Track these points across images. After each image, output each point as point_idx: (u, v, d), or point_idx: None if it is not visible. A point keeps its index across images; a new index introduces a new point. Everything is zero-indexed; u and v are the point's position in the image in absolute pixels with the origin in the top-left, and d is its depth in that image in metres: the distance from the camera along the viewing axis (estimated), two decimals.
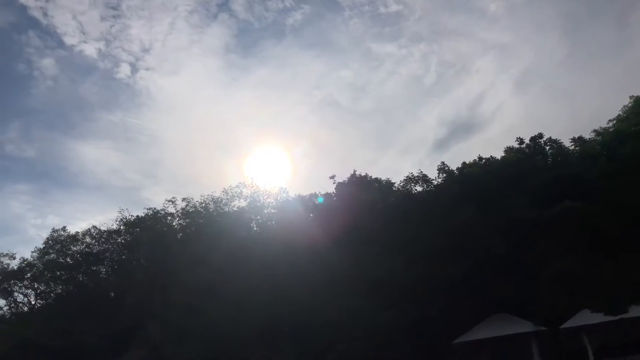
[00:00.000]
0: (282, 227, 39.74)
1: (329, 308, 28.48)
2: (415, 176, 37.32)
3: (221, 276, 34.61)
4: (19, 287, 50.24)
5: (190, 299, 34.69)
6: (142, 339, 37.16)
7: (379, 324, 28.02)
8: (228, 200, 47.48)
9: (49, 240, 50.86)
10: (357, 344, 27.77)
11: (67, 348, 39.90)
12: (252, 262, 34.50)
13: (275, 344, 28.71)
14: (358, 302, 28.44)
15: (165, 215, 47.94)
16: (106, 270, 51.48)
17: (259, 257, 34.97)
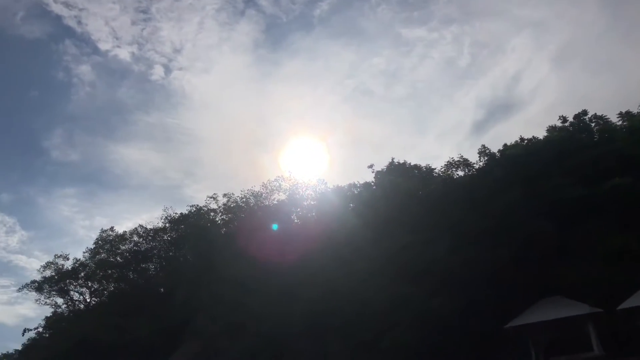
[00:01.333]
0: (322, 219, 39.91)
1: (376, 298, 28.52)
2: (456, 161, 36.84)
3: (265, 270, 35.09)
4: (74, 286, 52.52)
5: (236, 293, 35.32)
6: (193, 333, 38.15)
7: (427, 311, 27.93)
8: (267, 194, 48.09)
9: (98, 241, 52.83)
10: (407, 331, 27.79)
11: (123, 343, 41.36)
12: (295, 254, 34.83)
13: (324, 336, 28.98)
14: (405, 290, 28.38)
15: (207, 212, 48.92)
16: (155, 267, 53.10)
17: (301, 249, 35.29)
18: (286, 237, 38.00)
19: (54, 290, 52.30)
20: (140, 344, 42.10)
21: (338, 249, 33.00)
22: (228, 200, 47.71)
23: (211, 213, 48.51)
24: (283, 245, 36.63)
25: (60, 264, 52.60)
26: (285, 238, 37.86)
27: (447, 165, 37.29)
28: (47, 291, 52.23)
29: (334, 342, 28.29)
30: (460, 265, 29.01)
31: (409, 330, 27.98)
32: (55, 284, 51.87)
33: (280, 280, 32.48)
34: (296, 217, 44.57)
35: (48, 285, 51.98)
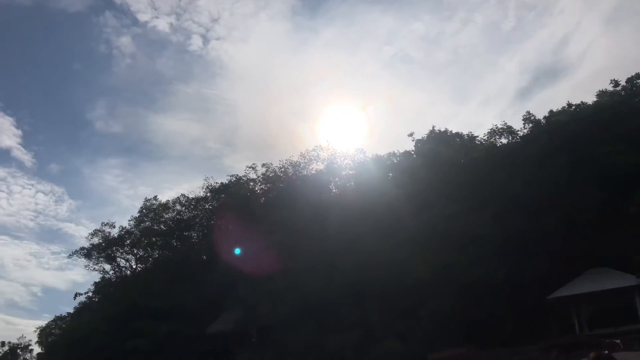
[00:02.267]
0: (361, 188, 39.74)
1: (417, 267, 28.42)
2: (499, 128, 35.83)
3: (304, 239, 35.36)
4: (120, 253, 54.51)
5: (276, 261, 35.80)
6: (234, 300, 39.03)
7: (469, 280, 27.69)
8: (306, 163, 48.11)
9: (143, 209, 54.36)
10: (447, 301, 27.68)
11: (168, 309, 42.71)
12: (334, 224, 34.92)
13: (365, 305, 29.18)
14: (446, 259, 28.15)
15: (247, 181, 49.45)
16: (197, 236, 54.42)
17: (340, 218, 35.32)
18: (325, 207, 38.06)
19: (101, 257, 54.38)
20: (184, 309, 43.45)
21: (377, 218, 32.86)
22: (267, 170, 48.03)
23: (250, 183, 49.02)
24: (322, 215, 36.73)
25: (107, 232, 54.56)
26: (324, 208, 37.92)
27: (490, 133, 36.37)
28: (95, 257, 54.37)
29: (374, 310, 28.45)
30: (503, 235, 28.51)
31: (450, 300, 27.86)
32: (103, 250, 53.88)
33: (319, 249, 32.69)
34: (334, 187, 44.54)
35: (96, 252, 54.06)
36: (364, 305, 29.16)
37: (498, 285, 27.99)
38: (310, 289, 31.35)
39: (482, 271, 27.54)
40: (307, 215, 37.08)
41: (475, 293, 28.44)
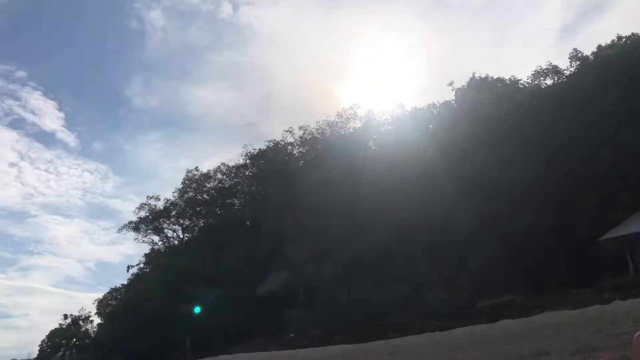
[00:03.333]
0: (400, 143, 38.98)
1: (463, 217, 27.87)
2: (544, 69, 34.17)
3: (346, 197, 35.15)
4: (167, 224, 55.87)
5: (319, 221, 35.81)
6: (281, 261, 39.52)
7: (517, 227, 27.03)
8: (343, 123, 47.53)
9: (185, 180, 55.30)
10: (495, 249, 27.17)
11: (217, 274, 43.72)
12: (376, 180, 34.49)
13: (412, 257, 28.95)
14: (493, 208, 27.48)
15: (285, 146, 49.33)
16: (239, 202, 55.17)
17: (381, 174, 34.85)
18: (364, 165, 37.61)
19: (149, 229, 55.89)
20: (233, 274, 44.42)
21: (419, 172, 32.26)
22: (304, 132, 47.71)
23: (288, 147, 48.89)
24: (362, 172, 36.35)
25: (152, 205, 55.86)
26: (364, 165, 37.48)
27: (534, 74, 34.77)
28: (143, 230, 55.93)
29: (421, 263, 28.20)
30: (552, 179, 27.56)
31: (498, 248, 27.34)
32: (150, 223, 55.32)
33: (363, 205, 32.44)
34: (373, 144, 43.89)
35: (144, 225, 55.55)
36: (411, 258, 28.94)
37: (548, 230, 27.25)
38: (355, 246, 31.29)
39: (530, 217, 26.81)
40: (347, 173, 36.76)
41: (524, 239, 27.82)
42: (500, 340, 11.82)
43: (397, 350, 12.36)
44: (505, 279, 27.28)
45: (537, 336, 11.50)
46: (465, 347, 11.83)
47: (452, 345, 12.35)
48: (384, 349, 12.96)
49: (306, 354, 15.24)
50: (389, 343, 14.68)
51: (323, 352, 15.07)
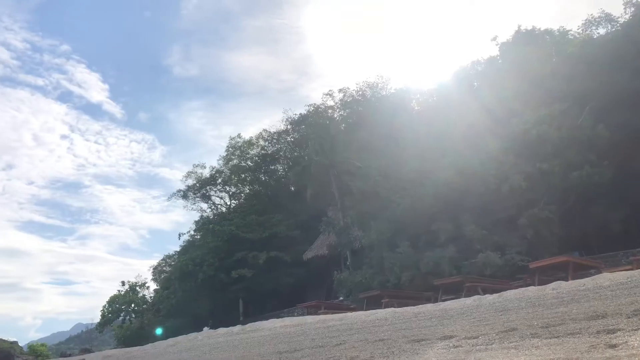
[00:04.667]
0: (444, 102, 37.97)
1: (512, 176, 27.14)
2: (596, 17, 32.15)
3: (389, 159, 34.80)
4: (214, 192, 57.36)
5: (364, 184, 35.72)
6: (326, 225, 39.95)
7: (570, 185, 26.15)
8: (384, 83, 46.70)
9: (229, 148, 56.26)
10: (546, 207, 26.46)
11: (264, 238, 44.83)
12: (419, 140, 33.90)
13: (459, 217, 28.58)
14: (544, 164, 26.59)
15: (325, 109, 49.01)
16: (283, 168, 55.82)
17: (424, 135, 34.20)
18: (407, 125, 36.96)
19: (197, 197, 57.50)
20: (280, 238, 45.46)
21: (464, 130, 31.44)
22: (344, 95, 47.11)
23: (329, 110, 48.52)
24: (405, 133, 35.77)
25: (199, 173, 57.25)
26: (406, 126, 36.83)
27: (584, 24, 32.78)
28: (191, 198, 57.60)
29: (469, 223, 27.81)
30: (607, 133, 26.34)
31: (549, 206, 26.63)
32: (198, 190, 56.86)
33: (406, 166, 32.06)
34: (416, 104, 42.99)
35: (192, 193, 57.17)
36: (458, 219, 28.58)
37: (603, 188, 26.28)
38: (400, 208, 31.11)
39: (584, 174, 25.84)
40: (389, 134, 36.30)
41: (578, 197, 26.96)
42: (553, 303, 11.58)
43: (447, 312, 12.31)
44: (557, 238, 26.67)
45: (592, 298, 11.20)
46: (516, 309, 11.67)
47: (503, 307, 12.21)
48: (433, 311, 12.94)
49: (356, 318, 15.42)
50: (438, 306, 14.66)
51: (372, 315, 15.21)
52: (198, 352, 15.34)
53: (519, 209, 27.08)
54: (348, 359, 10.27)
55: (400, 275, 29.40)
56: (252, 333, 17.39)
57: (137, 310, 51.69)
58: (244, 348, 14.14)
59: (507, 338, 8.83)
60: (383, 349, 10.31)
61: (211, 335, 20.33)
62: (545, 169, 26.78)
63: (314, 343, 12.67)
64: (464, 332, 10.08)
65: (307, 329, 15.01)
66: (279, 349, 12.86)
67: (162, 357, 15.60)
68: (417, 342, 10.12)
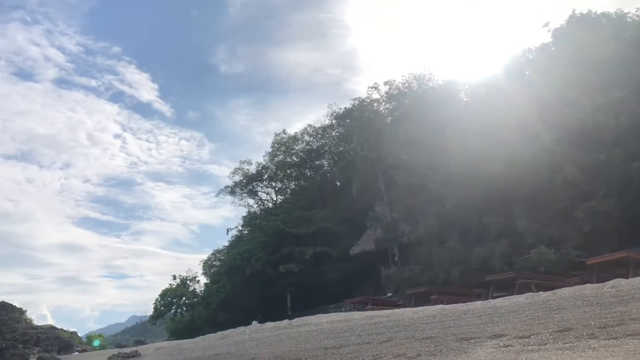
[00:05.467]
0: (493, 93, 36.82)
1: (567, 167, 25.99)
2: None
3: (437, 151, 34.08)
4: (260, 187, 58.00)
5: (410, 178, 35.16)
6: (373, 220, 39.61)
7: (631, 175, 24.79)
8: (431, 75, 45.73)
9: (274, 144, 56.74)
10: (604, 200, 25.19)
11: (311, 234, 44.90)
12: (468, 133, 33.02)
13: (511, 211, 27.66)
14: (602, 155, 25.34)
15: (370, 103, 48.51)
16: (328, 163, 55.79)
17: (474, 126, 33.28)
18: (455, 117, 36.09)
19: (244, 193, 58.39)
20: (326, 234, 45.46)
21: (516, 121, 30.38)
22: (390, 87, 46.42)
23: (374, 104, 47.98)
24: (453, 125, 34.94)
25: (245, 169, 58.13)
26: (454, 118, 35.97)
27: None
28: (239, 194, 58.56)
29: (522, 217, 26.88)
30: None
31: (608, 200, 25.32)
32: (245, 186, 57.74)
33: (455, 160, 31.29)
34: (464, 96, 41.91)
35: (239, 189, 58.11)
36: (510, 213, 27.68)
37: None
38: (449, 202, 30.42)
39: None
40: (436, 127, 35.51)
41: (639, 189, 25.53)
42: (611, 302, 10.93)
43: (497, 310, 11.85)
44: (617, 233, 25.35)
45: None
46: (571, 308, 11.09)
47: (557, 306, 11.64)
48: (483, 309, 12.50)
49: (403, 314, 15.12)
50: (488, 303, 14.17)
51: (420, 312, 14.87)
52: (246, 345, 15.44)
53: (574, 201, 25.90)
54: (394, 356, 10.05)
55: (449, 271, 28.78)
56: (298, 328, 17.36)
57: (187, 303, 52.96)
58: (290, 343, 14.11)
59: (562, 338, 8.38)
60: (430, 347, 10.03)
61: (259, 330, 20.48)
62: (603, 160, 25.52)
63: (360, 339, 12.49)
64: (515, 331, 9.66)
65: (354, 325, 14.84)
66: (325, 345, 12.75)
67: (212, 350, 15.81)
68: (466, 341, 9.78)
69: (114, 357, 18.31)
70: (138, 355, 18.40)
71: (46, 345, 32.53)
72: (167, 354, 17.97)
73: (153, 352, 19.86)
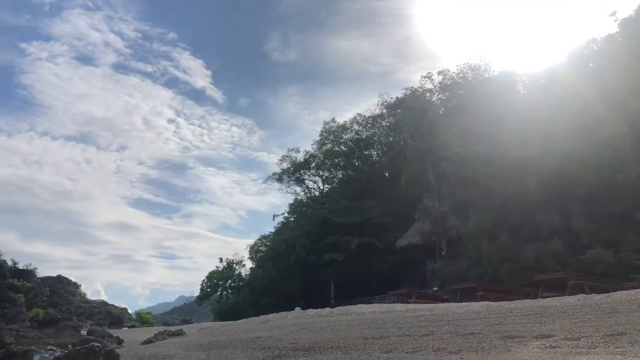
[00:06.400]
0: (554, 85, 35.19)
1: (631, 163, 24.53)
2: None
3: (491, 145, 32.98)
4: (308, 176, 58.22)
5: (462, 171, 34.25)
6: (421, 213, 38.94)
7: None
8: (487, 65, 44.48)
9: (323, 132, 56.72)
10: None
11: (357, 224, 44.65)
12: (525, 126, 31.74)
13: (567, 209, 26.43)
14: None
15: (423, 93, 47.63)
16: (377, 153, 55.28)
17: (531, 119, 31.96)
18: (511, 109, 34.81)
19: (291, 180, 58.84)
20: (372, 225, 45.10)
21: (576, 115, 28.90)
22: (443, 78, 45.43)
23: (427, 94, 47.08)
24: (509, 117, 33.71)
25: (293, 157, 58.45)
26: (511, 110, 34.70)
27: None
28: (286, 181, 59.09)
29: (578, 216, 25.63)
30: None
31: None
32: (292, 174, 58.15)
33: (509, 153, 30.18)
34: (522, 87, 40.35)
35: (286, 176, 58.59)
36: (565, 211, 26.44)
37: None
38: (502, 197, 29.41)
39: None
40: (491, 119, 34.35)
41: None
42: None
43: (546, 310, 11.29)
44: None
45: None
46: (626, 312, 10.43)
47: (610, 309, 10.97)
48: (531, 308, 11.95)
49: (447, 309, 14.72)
50: (537, 302, 13.56)
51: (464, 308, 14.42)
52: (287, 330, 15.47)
53: (636, 202, 24.45)
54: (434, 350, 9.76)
55: (498, 268, 27.88)
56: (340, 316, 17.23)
57: (233, 286, 53.90)
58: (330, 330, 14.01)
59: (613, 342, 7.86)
60: (473, 343, 9.66)
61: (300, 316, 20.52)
62: None
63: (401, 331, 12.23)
64: (564, 332, 9.14)
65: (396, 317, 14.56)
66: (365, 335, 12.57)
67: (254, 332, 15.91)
68: (511, 339, 9.35)
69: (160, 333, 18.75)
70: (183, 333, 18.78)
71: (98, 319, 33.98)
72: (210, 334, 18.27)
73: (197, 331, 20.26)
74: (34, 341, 11.85)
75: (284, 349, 12.26)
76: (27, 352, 9.88)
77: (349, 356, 10.70)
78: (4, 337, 11.18)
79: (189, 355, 13.02)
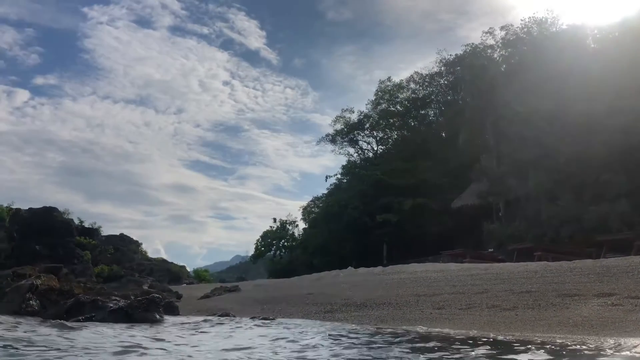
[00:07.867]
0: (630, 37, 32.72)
1: None
2: None
3: (556, 102, 31.34)
4: (361, 137, 57.57)
5: (523, 130, 32.85)
6: (479, 173, 37.90)
7: None
8: (554, 19, 41.71)
9: (378, 92, 55.54)
10: None
11: (411, 185, 44.05)
12: (592, 83, 29.89)
13: (634, 171, 24.93)
14: None
15: (484, 49, 45.52)
16: (434, 113, 53.77)
17: (600, 76, 30.03)
18: (579, 66, 32.79)
19: (345, 141, 58.35)
20: (428, 185, 44.32)
21: None
22: (506, 33, 43.06)
23: (488, 50, 44.94)
24: (576, 74, 31.83)
25: (347, 117, 57.79)
26: (578, 66, 32.70)
27: None
28: (339, 142, 58.66)
29: None
30: None
31: None
32: (346, 135, 57.62)
33: (576, 111, 28.60)
34: (592, 42, 37.78)
35: (340, 137, 58.14)
36: (634, 171, 24.94)
37: None
38: (564, 157, 28.08)
39: None
40: (557, 77, 32.53)
41: None
42: None
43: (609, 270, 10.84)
44: None
45: None
46: None
47: None
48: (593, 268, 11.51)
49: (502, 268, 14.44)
50: (599, 262, 13.03)
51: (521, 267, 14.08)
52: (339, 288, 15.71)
53: None
54: (488, 307, 9.60)
55: (559, 230, 26.88)
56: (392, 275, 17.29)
57: (286, 246, 54.95)
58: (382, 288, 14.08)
59: None
60: (529, 301, 9.40)
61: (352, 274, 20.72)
62: None
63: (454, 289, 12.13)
64: (627, 291, 8.69)
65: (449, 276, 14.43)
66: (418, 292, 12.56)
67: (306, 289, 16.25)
68: (569, 297, 9.00)
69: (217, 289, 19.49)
70: (238, 289, 19.44)
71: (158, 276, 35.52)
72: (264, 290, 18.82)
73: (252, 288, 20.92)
74: (101, 292, 12.58)
75: (335, 305, 12.43)
76: (94, 302, 10.65)
77: (401, 312, 10.70)
78: (74, 288, 11.97)
79: (244, 309, 13.46)
